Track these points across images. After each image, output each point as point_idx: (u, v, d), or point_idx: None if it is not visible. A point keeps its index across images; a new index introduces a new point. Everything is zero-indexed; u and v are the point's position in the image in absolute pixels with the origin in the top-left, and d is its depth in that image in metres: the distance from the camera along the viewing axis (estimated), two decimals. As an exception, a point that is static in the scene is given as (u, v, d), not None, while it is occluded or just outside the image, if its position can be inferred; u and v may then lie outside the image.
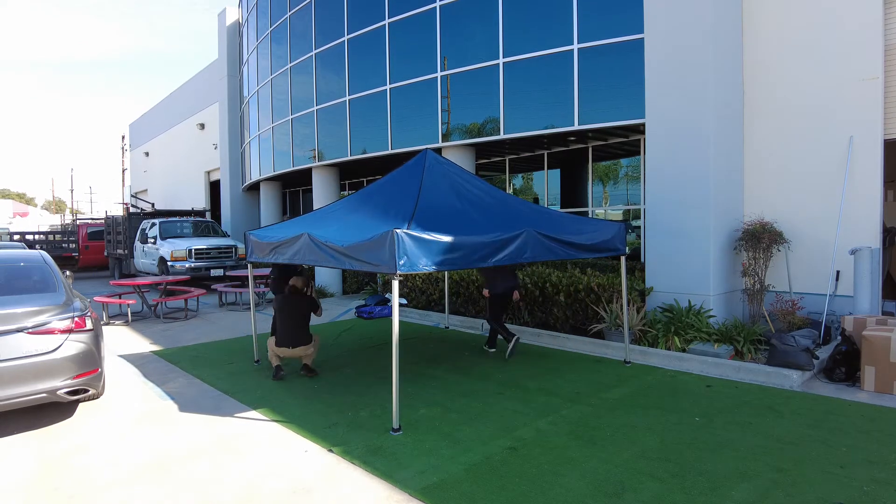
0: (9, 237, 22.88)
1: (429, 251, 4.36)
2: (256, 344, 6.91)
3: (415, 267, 4.27)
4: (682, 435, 4.33)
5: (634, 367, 6.36)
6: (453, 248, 4.51)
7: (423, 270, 4.38)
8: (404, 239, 4.20)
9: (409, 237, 4.25)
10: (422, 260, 4.31)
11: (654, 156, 7.63)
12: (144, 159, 29.82)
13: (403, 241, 4.19)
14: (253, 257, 6.30)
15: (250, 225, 19.74)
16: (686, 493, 3.41)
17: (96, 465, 3.99)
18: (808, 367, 5.74)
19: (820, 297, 7.17)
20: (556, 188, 11.61)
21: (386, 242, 4.19)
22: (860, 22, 6.91)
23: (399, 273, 4.19)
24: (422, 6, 10.34)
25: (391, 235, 4.14)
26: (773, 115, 7.60)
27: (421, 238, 4.32)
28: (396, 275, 4.21)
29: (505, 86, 9.31)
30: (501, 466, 3.83)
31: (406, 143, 10.92)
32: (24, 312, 4.46)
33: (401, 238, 4.17)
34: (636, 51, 7.86)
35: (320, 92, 13.07)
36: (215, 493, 3.54)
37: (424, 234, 4.36)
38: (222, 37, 20.01)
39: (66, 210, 58.20)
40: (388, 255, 4.19)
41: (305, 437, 4.42)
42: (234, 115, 19.59)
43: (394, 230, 4.14)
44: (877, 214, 6.93)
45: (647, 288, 7.53)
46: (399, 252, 4.15)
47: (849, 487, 3.46)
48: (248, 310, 11.23)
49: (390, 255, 4.16)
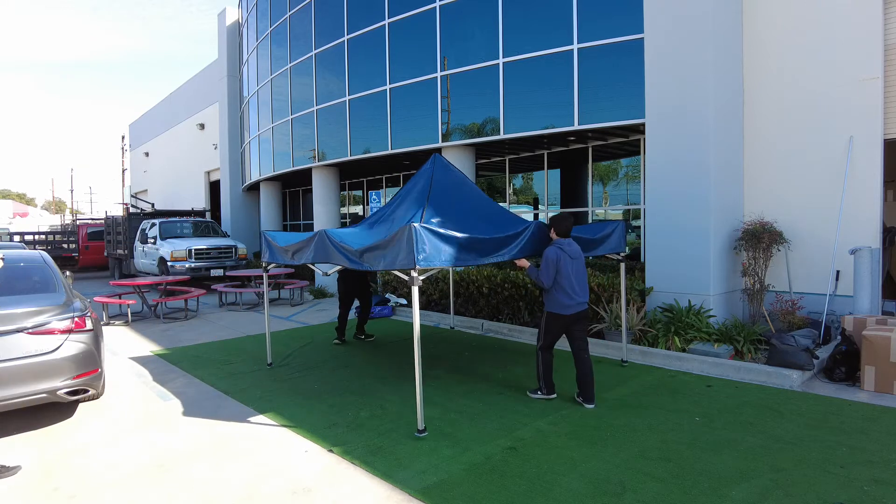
0: (9, 237, 22.87)
1: (447, 245, 4.33)
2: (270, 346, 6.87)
3: (433, 262, 4.23)
4: (682, 435, 4.33)
5: (634, 367, 6.36)
6: (469, 244, 4.49)
7: (440, 265, 4.32)
8: (422, 233, 4.16)
9: (428, 231, 4.22)
10: (440, 255, 4.28)
11: (654, 156, 7.63)
12: (144, 159, 29.82)
13: (422, 236, 4.16)
14: (270, 258, 6.16)
15: (250, 225, 19.77)
16: (686, 493, 3.41)
17: (96, 465, 3.99)
18: (808, 366, 5.74)
19: (820, 297, 7.17)
20: (556, 188, 11.61)
21: (404, 237, 4.15)
22: (860, 22, 6.90)
23: (417, 268, 4.14)
24: (422, 6, 10.34)
25: (409, 230, 4.11)
26: (773, 115, 7.60)
27: (439, 232, 4.29)
28: (415, 269, 4.16)
29: (505, 86, 9.31)
30: (501, 466, 3.82)
31: (406, 143, 10.92)
32: (24, 313, 4.46)
33: (419, 232, 4.14)
34: (636, 51, 7.86)
35: (320, 92, 13.07)
36: (215, 494, 3.54)
37: (441, 229, 4.35)
38: (222, 37, 20.00)
39: (66, 210, 58.19)
40: (406, 250, 4.15)
41: (305, 437, 4.42)
42: (234, 116, 19.59)
43: (412, 224, 4.13)
44: (877, 214, 6.92)
45: (647, 288, 7.53)
46: (418, 247, 4.12)
47: (849, 487, 3.46)
48: (248, 310, 11.24)
49: (409, 250, 4.13)
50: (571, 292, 5.00)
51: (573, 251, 5.05)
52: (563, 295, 4.99)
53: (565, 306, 5.01)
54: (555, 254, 4.96)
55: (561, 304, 5.02)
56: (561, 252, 4.98)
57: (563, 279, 4.96)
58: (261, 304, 11.69)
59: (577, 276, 5.04)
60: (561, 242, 5.04)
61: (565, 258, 4.97)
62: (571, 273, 4.99)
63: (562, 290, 4.98)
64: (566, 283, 4.97)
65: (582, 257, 5.15)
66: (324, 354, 7.24)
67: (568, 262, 4.98)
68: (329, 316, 10.19)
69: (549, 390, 5.28)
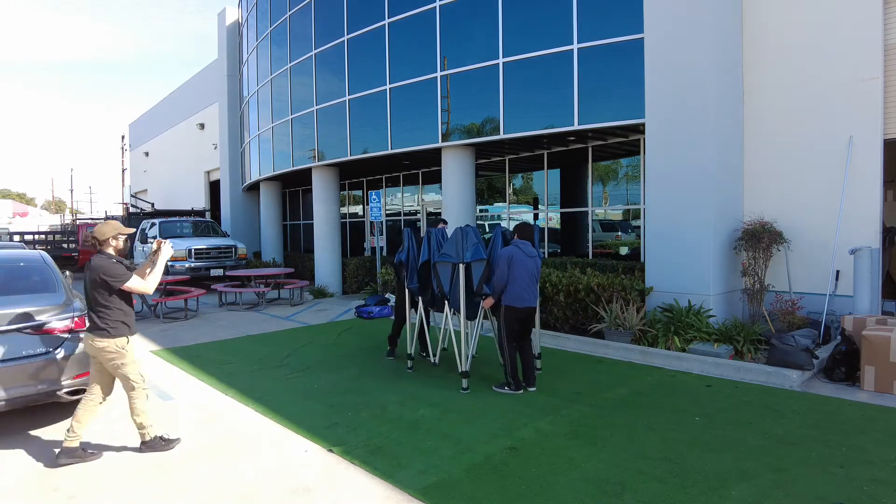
0: (8, 237, 22.87)
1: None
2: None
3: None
4: (682, 435, 4.33)
5: (634, 367, 6.36)
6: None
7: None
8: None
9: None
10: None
11: (654, 155, 7.63)
12: (144, 159, 29.81)
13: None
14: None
15: (250, 225, 19.74)
16: (686, 493, 3.41)
17: (96, 465, 3.99)
18: (807, 366, 5.74)
19: (820, 297, 7.17)
20: (556, 188, 11.61)
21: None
22: (860, 22, 6.91)
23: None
24: (422, 6, 10.34)
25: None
26: (773, 115, 7.60)
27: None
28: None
29: (505, 86, 9.31)
30: (501, 466, 3.82)
31: (406, 143, 10.92)
32: (24, 312, 4.45)
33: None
34: (636, 51, 7.86)
35: (320, 92, 13.07)
36: (215, 493, 3.54)
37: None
38: (222, 37, 19.99)
39: (66, 210, 58.16)
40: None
41: (305, 436, 4.42)
42: (234, 115, 19.58)
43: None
44: (877, 214, 6.93)
45: (647, 288, 7.53)
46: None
47: (849, 487, 3.46)
48: (247, 310, 11.23)
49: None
50: (527, 286, 5.44)
51: (529, 251, 5.54)
52: (517, 288, 5.39)
53: (521, 299, 5.41)
54: (508, 252, 5.46)
55: (516, 296, 5.40)
56: (516, 250, 5.46)
57: (516, 274, 5.39)
58: (261, 303, 11.69)
59: (534, 273, 5.54)
60: (518, 243, 5.55)
61: (520, 255, 5.44)
62: (526, 270, 5.44)
63: (516, 283, 5.39)
64: (519, 277, 5.40)
65: (537, 258, 5.65)
66: (323, 354, 7.24)
67: (524, 259, 5.44)
68: (329, 316, 10.19)
69: (515, 385, 5.47)
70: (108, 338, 3.96)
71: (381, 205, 12.06)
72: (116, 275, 3.94)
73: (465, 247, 5.52)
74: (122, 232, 4.11)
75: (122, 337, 4.01)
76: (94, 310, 4.00)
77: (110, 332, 3.96)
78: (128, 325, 4.06)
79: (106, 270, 3.93)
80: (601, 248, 10.84)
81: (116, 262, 4.02)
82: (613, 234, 11.03)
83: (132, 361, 4.09)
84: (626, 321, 6.98)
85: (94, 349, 4.00)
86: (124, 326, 4.03)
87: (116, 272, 3.95)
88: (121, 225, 4.13)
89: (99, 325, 3.96)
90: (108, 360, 4.01)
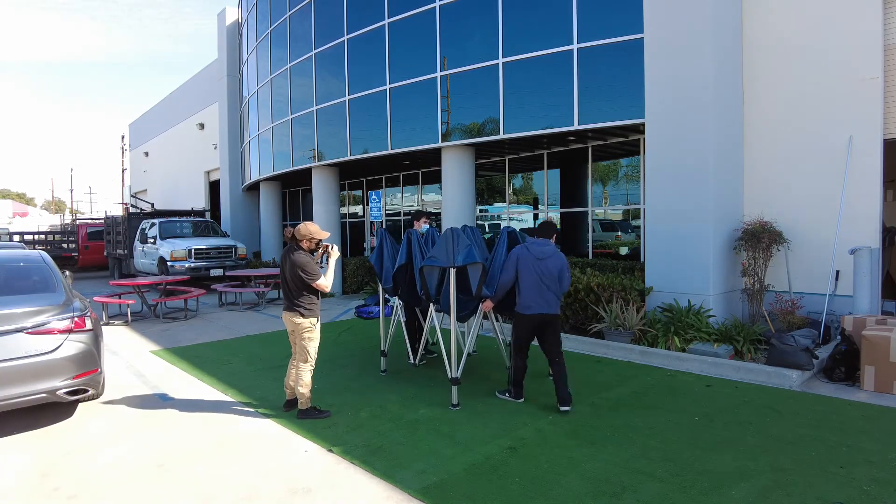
0: (8, 237, 22.86)
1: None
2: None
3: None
4: (682, 435, 4.33)
5: (634, 367, 6.36)
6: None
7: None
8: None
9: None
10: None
11: (654, 155, 7.63)
12: (144, 159, 29.80)
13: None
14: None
15: (250, 225, 19.74)
16: (686, 493, 3.41)
17: (96, 465, 3.99)
18: (807, 366, 5.74)
19: (820, 297, 7.17)
20: (556, 188, 11.61)
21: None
22: (860, 22, 6.91)
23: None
24: (422, 6, 10.34)
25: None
26: (773, 115, 7.60)
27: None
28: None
29: (505, 86, 9.31)
30: (501, 466, 3.82)
31: (406, 142, 10.92)
32: (24, 312, 4.45)
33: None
34: (636, 51, 7.86)
35: (320, 92, 13.07)
36: (215, 493, 3.54)
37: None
38: (222, 37, 19.99)
39: (66, 210, 58.16)
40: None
41: (305, 436, 4.42)
42: (234, 115, 19.58)
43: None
44: (876, 214, 6.93)
45: (646, 287, 7.53)
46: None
47: (849, 487, 3.46)
48: (247, 310, 11.23)
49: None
50: (536, 292, 4.89)
51: (539, 252, 4.92)
52: (524, 293, 4.93)
53: (527, 307, 4.93)
54: (516, 253, 4.98)
55: (522, 303, 4.97)
56: (523, 251, 4.95)
57: (523, 278, 4.91)
58: (261, 303, 11.68)
59: (544, 277, 4.89)
60: (529, 243, 5.01)
61: (528, 257, 4.91)
62: (534, 273, 4.88)
63: (523, 288, 4.93)
64: (526, 281, 4.90)
65: (554, 258, 4.95)
66: (323, 354, 7.22)
67: (532, 261, 4.90)
68: (328, 316, 10.19)
69: (516, 394, 5.18)
70: (302, 318, 4.74)
71: (380, 205, 12.06)
72: (312, 273, 4.69)
73: (457, 249, 4.87)
74: (315, 237, 4.80)
75: (314, 317, 4.80)
76: (293, 293, 4.75)
77: (304, 313, 4.74)
78: (317, 307, 4.84)
79: (304, 267, 4.67)
80: (601, 248, 10.85)
81: (314, 261, 4.78)
82: (613, 234, 11.04)
83: (315, 338, 4.85)
84: (625, 321, 6.98)
85: (293, 324, 4.80)
86: (316, 308, 4.82)
87: (314, 270, 4.71)
88: (319, 230, 4.84)
89: (295, 306, 4.74)
90: (301, 332, 4.77)
